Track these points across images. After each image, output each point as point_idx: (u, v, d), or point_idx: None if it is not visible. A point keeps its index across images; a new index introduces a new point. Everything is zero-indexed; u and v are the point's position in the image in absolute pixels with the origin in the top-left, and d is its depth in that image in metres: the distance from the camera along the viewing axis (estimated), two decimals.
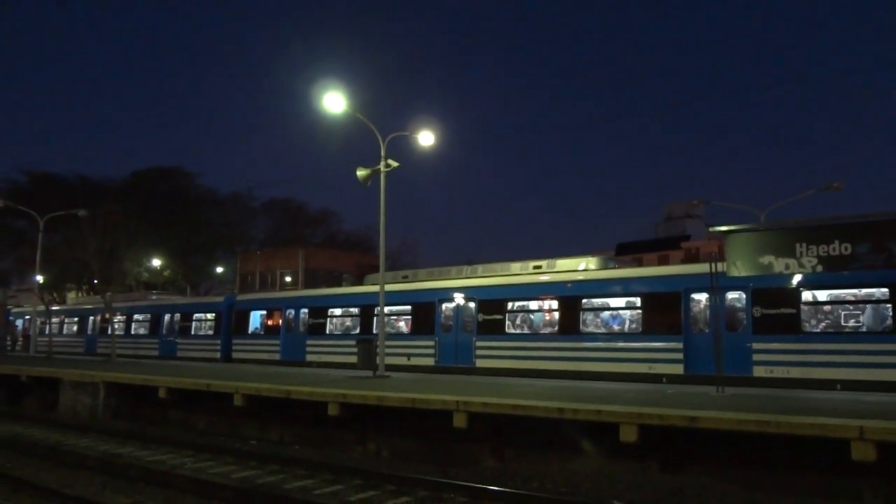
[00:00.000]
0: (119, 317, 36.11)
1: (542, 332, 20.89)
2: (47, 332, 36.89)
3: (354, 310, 26.09)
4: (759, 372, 16.45)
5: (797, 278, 16.07)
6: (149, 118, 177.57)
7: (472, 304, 22.66)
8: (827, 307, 16.59)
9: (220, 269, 69.51)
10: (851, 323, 16.18)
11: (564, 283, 20.58)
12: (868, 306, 15.97)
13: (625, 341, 19.11)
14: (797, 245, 15.56)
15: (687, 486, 10.60)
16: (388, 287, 22.23)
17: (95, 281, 36.86)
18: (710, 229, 19.44)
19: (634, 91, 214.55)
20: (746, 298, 17.14)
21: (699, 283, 16.90)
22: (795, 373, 15.97)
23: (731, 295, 17.44)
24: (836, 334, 16.09)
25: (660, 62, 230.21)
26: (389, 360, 20.65)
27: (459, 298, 23.01)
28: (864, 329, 15.89)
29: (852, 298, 16.26)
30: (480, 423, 12.38)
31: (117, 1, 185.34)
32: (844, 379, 15.33)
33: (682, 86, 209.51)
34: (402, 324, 24.62)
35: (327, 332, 26.70)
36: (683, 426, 10.25)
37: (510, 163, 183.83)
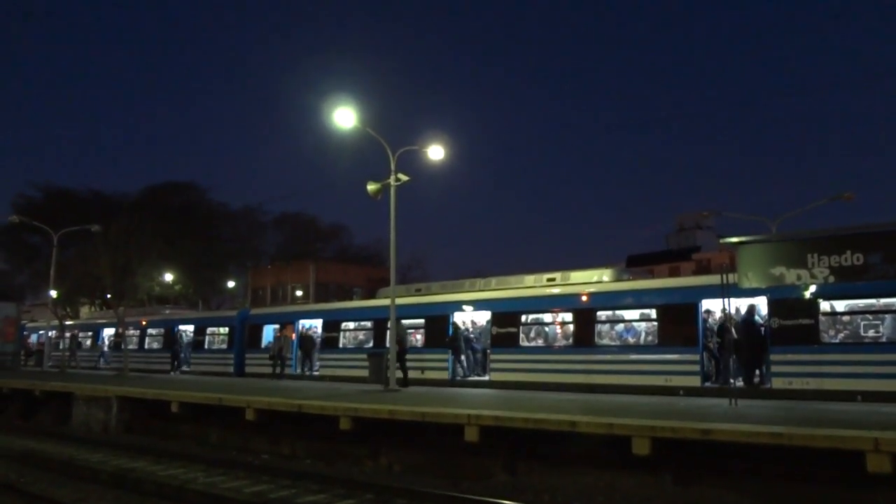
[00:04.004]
0: (132, 331, 36.28)
1: (557, 344, 20.82)
2: (61, 346, 37.12)
3: (367, 323, 26.12)
4: (777, 384, 16.29)
5: (815, 288, 15.89)
6: (161, 133, 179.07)
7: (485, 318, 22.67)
8: (846, 317, 16.41)
9: (231, 284, 69.74)
10: (871, 333, 16.00)
11: (578, 295, 20.51)
12: (888, 316, 15.78)
13: (640, 353, 19.01)
14: (809, 256, 15.45)
15: (700, 499, 10.54)
16: (402, 301, 22.28)
17: (108, 296, 37.03)
18: (721, 241, 19.35)
19: (644, 102, 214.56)
20: (764, 309, 16.99)
21: (715, 295, 16.78)
22: (814, 384, 15.78)
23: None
24: (856, 345, 15.87)
25: (669, 73, 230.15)
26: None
27: (473, 311, 23.03)
28: (884, 339, 15.68)
29: (872, 308, 16.07)
30: (492, 436, 12.35)
31: (129, 16, 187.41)
32: (865, 390, 15.12)
33: (692, 96, 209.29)
34: (416, 337, 24.60)
35: (340, 345, 26.73)
36: (696, 439, 10.19)
37: (519, 175, 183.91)
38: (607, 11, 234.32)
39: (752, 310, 17.09)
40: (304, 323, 28.61)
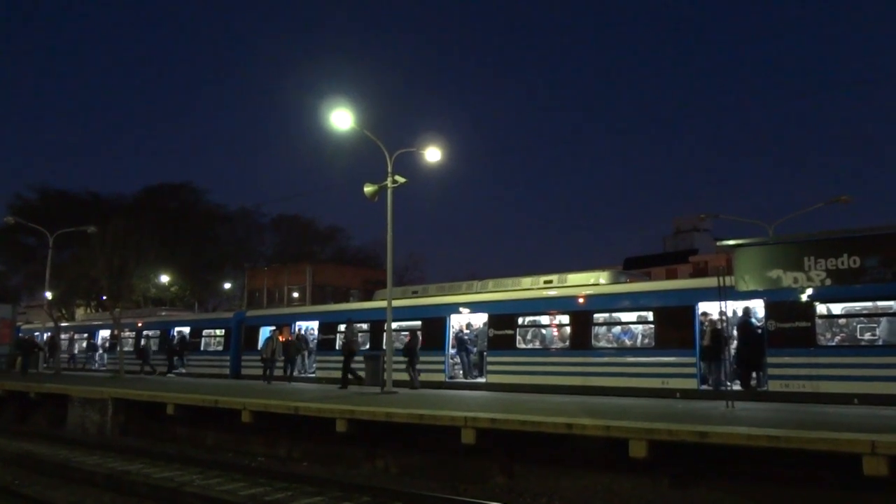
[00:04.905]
0: (127, 333, 36.19)
1: (554, 347, 20.80)
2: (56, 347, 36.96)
3: (364, 325, 26.07)
4: (774, 386, 16.25)
5: (812, 291, 15.86)
6: (159, 135, 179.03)
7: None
8: (843, 320, 16.36)
9: (228, 286, 69.61)
10: (868, 336, 15.95)
11: (575, 297, 20.48)
12: (885, 319, 15.72)
13: (637, 356, 18.97)
14: (805, 259, 15.50)
15: (698, 502, 10.53)
16: (398, 302, 22.23)
17: (104, 297, 36.96)
18: (718, 243, 19.37)
19: (642, 105, 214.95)
20: (761, 311, 16.97)
21: (712, 297, 16.74)
22: (811, 387, 15.74)
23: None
24: (853, 347, 15.80)
25: (667, 75, 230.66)
26: (399, 377, 20.63)
27: (470, 314, 23.02)
28: (880, 342, 15.62)
29: (869, 311, 16.02)
30: (489, 438, 12.33)
31: (126, 19, 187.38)
32: (862, 393, 15.08)
33: (689, 99, 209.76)
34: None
35: (337, 347, 26.65)
36: (694, 441, 10.18)
37: (516, 177, 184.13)
38: (605, 13, 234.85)
39: (747, 312, 17.08)
40: (301, 325, 28.56)
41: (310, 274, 64.11)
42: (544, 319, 21.33)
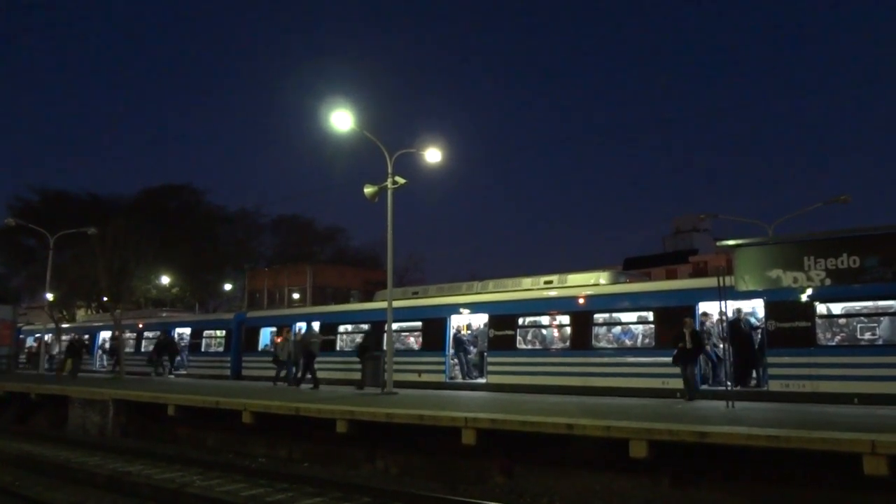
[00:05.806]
0: (128, 334, 36.20)
1: (554, 347, 20.80)
2: (56, 350, 37.00)
3: (364, 326, 26.09)
4: (774, 386, 16.26)
5: (812, 291, 15.85)
6: (159, 136, 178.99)
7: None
8: (842, 320, 16.35)
9: (228, 287, 69.66)
10: (867, 335, 15.94)
11: (576, 297, 20.49)
12: (885, 318, 15.70)
13: (637, 356, 18.98)
14: (805, 258, 15.52)
15: (698, 502, 10.54)
16: (399, 303, 22.23)
17: (104, 298, 36.98)
18: (718, 243, 19.38)
19: (641, 105, 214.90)
20: (761, 311, 16.96)
21: (712, 297, 16.73)
22: (811, 387, 15.73)
23: (744, 308, 17.33)
24: (853, 347, 15.76)
25: (666, 76, 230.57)
26: (399, 377, 20.64)
27: (470, 314, 23.03)
28: (880, 341, 15.60)
29: (869, 311, 16.01)
30: (489, 439, 12.34)
31: (126, 20, 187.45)
32: (861, 392, 15.06)
33: (689, 99, 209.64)
34: (412, 340, 24.59)
35: (337, 348, 26.68)
36: (694, 441, 10.19)
37: (516, 178, 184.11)
38: (604, 14, 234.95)
39: (738, 313, 17.10)
40: (301, 326, 28.57)
41: (310, 275, 64.20)
42: (544, 320, 21.32)
